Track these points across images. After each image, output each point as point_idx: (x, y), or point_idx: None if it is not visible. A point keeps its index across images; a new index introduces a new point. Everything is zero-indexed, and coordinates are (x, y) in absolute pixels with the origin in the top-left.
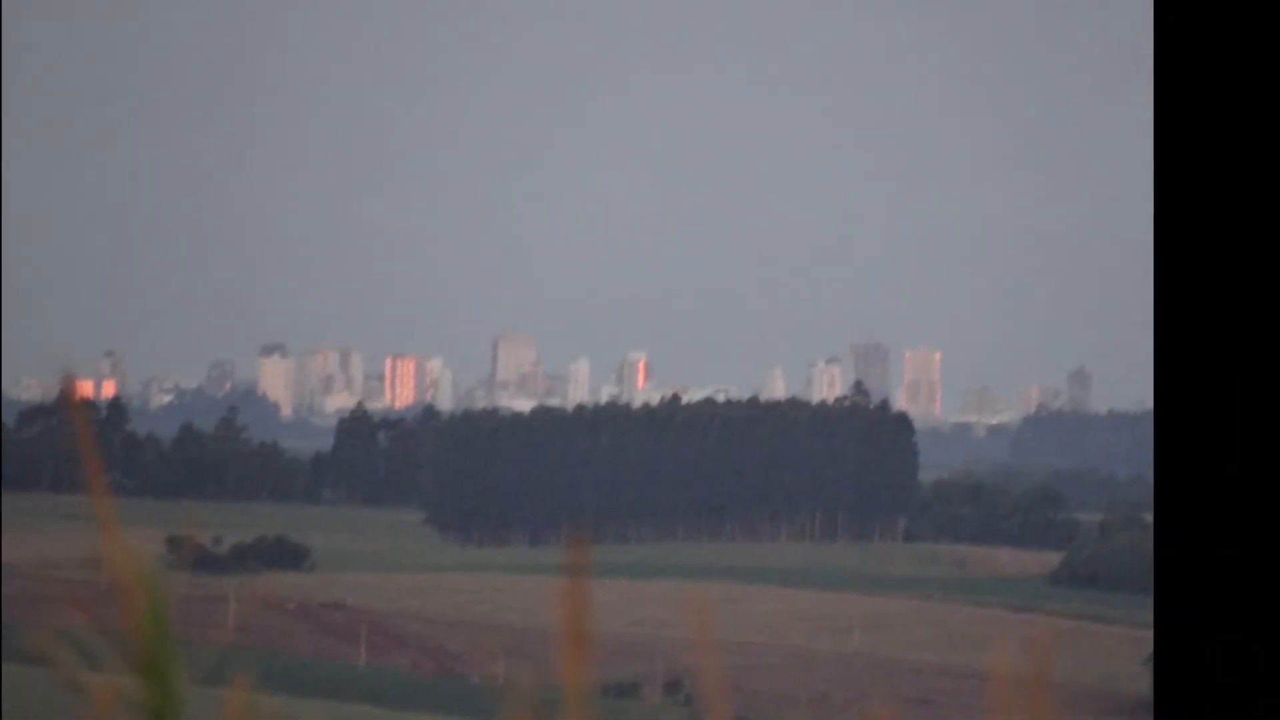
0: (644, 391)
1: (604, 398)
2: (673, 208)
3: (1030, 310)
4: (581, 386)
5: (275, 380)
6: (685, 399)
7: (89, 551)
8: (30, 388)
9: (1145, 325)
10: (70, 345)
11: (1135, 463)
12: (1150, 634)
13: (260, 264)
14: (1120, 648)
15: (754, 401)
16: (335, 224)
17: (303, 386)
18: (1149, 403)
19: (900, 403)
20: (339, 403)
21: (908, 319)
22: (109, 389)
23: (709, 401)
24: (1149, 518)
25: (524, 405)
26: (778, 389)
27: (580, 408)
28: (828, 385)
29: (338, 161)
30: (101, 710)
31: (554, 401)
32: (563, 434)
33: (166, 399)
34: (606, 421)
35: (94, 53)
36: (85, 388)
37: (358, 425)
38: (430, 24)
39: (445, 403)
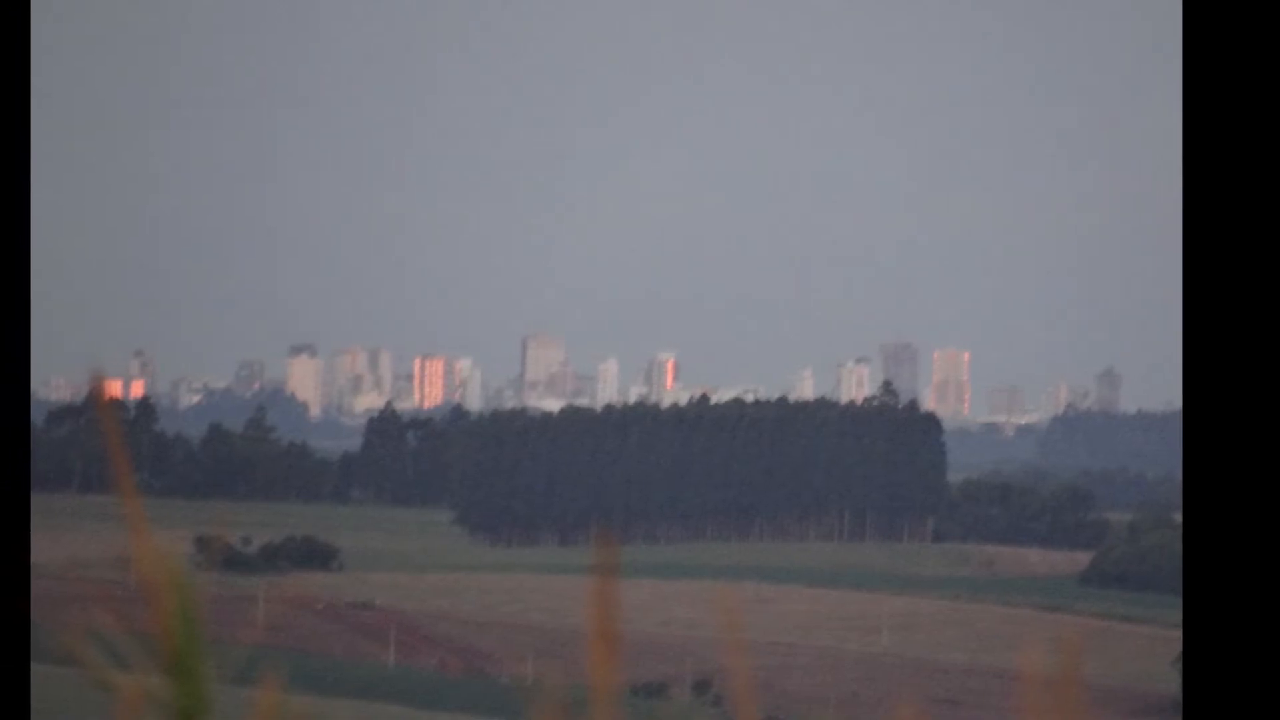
0: (673, 391)
1: (633, 398)
2: (701, 208)
3: (1059, 310)
4: (610, 386)
5: (304, 380)
6: (714, 399)
7: (118, 551)
8: (59, 387)
9: (1174, 325)
10: (99, 345)
11: (1164, 463)
12: (1179, 634)
13: (289, 264)
14: (1149, 648)
15: (783, 401)
16: (364, 224)
17: (331, 386)
18: (1178, 403)
19: (929, 403)
20: (368, 403)
21: (936, 319)
22: (138, 389)
23: (738, 401)
24: (1178, 518)
25: (553, 405)
26: (806, 389)
27: (609, 408)
28: (856, 385)
29: (366, 162)
30: (131, 710)
31: (583, 401)
32: (591, 434)
33: (195, 399)
34: (635, 422)
35: (122, 54)
36: (114, 387)
37: (386, 425)
38: (458, 24)
39: (474, 403)
